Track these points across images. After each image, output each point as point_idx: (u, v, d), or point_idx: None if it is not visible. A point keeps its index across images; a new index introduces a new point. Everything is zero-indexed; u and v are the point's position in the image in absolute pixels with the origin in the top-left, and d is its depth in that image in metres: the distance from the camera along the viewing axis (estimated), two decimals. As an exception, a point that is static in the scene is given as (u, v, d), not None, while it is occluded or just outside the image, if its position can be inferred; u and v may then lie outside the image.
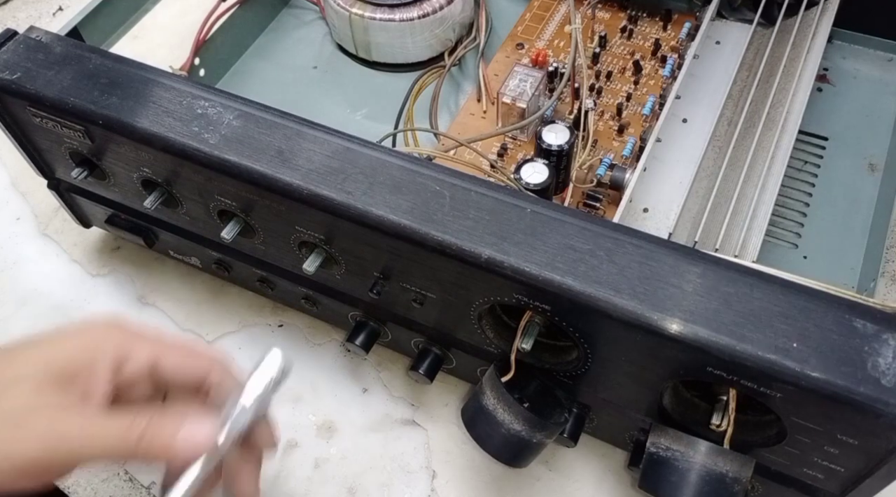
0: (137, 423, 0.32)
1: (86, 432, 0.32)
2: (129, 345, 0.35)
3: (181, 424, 0.33)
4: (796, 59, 0.52)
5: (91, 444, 0.32)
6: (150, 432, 0.32)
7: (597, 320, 0.33)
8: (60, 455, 0.31)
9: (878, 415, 0.29)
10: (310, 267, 0.40)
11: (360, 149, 0.37)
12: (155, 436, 0.32)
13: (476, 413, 0.38)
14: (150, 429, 0.32)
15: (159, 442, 0.32)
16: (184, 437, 0.33)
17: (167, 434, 0.32)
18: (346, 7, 0.58)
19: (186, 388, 0.36)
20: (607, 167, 0.50)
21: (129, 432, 0.32)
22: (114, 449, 0.32)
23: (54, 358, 0.33)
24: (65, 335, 0.34)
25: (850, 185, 0.53)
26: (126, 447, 0.32)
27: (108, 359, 0.34)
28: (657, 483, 0.35)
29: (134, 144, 0.39)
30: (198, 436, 0.33)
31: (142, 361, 0.35)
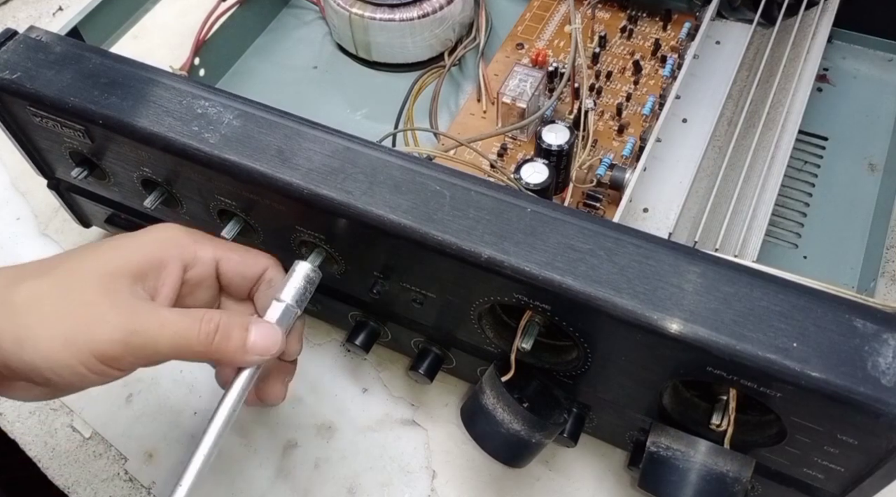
0: (208, 319, 0.34)
1: (161, 324, 0.33)
2: (196, 247, 0.37)
3: (252, 327, 0.35)
4: (796, 59, 0.52)
5: (165, 337, 0.33)
6: (221, 332, 0.34)
7: (597, 320, 0.33)
8: (136, 345, 0.32)
9: (878, 414, 0.29)
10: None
11: (361, 148, 0.37)
12: (228, 336, 0.34)
13: (475, 412, 0.38)
14: (223, 329, 0.34)
15: (234, 343, 0.34)
16: (255, 340, 0.34)
17: (239, 336, 0.34)
18: (346, 7, 0.58)
19: (241, 292, 0.38)
20: (607, 167, 0.50)
21: (203, 327, 0.33)
22: (187, 344, 0.33)
23: (125, 256, 0.34)
24: (132, 238, 0.36)
25: (850, 185, 0.53)
26: (201, 343, 0.33)
27: (178, 259, 0.36)
28: (657, 483, 0.35)
29: (134, 144, 0.39)
30: (269, 340, 0.35)
31: (207, 262, 0.37)
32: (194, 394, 0.49)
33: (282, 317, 0.36)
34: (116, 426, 0.48)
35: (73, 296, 0.33)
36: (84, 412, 0.49)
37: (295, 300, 0.37)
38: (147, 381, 0.49)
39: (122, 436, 0.48)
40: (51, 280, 0.33)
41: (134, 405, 0.49)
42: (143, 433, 0.47)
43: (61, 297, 0.32)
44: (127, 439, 0.47)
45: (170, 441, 0.47)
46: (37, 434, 0.48)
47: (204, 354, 0.34)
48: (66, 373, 0.32)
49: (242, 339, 0.34)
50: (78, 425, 0.48)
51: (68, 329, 0.32)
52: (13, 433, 0.48)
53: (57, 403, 0.49)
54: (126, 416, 0.48)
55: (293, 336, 0.38)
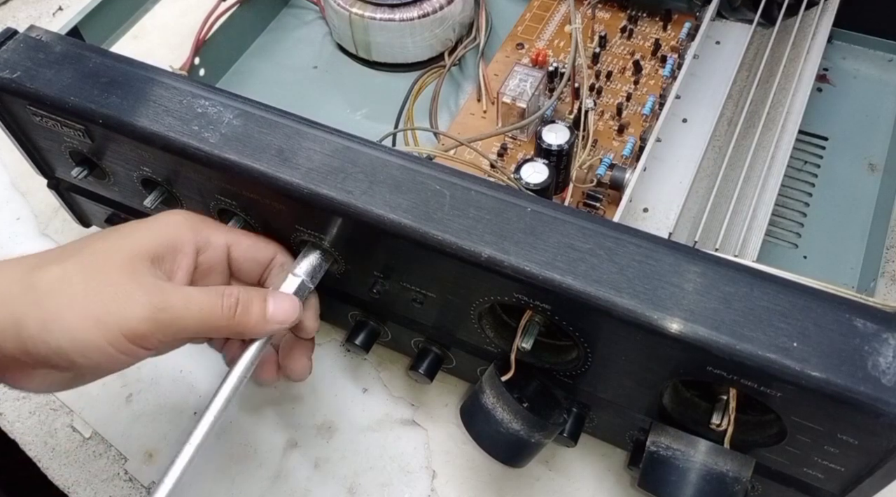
0: (229, 293, 0.35)
1: (186, 300, 0.34)
2: (208, 231, 0.38)
3: (269, 298, 0.36)
4: (796, 59, 0.52)
5: (190, 313, 0.34)
6: (242, 305, 0.35)
7: (597, 319, 0.33)
8: (164, 321, 0.33)
9: (879, 414, 0.29)
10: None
11: (361, 148, 0.37)
12: (249, 308, 0.35)
13: (475, 411, 0.38)
14: (243, 302, 0.35)
15: (255, 315, 0.35)
16: (274, 310, 0.36)
17: (259, 308, 0.35)
18: (346, 7, 0.58)
19: (251, 277, 0.40)
20: (607, 167, 0.50)
21: (225, 302, 0.35)
22: (211, 318, 0.34)
23: (141, 240, 0.35)
24: (146, 223, 0.37)
25: (850, 185, 0.53)
26: (224, 317, 0.34)
27: (191, 242, 0.37)
28: (657, 482, 0.35)
29: (134, 143, 0.39)
30: (288, 308, 0.36)
31: (219, 246, 0.38)
32: (194, 394, 0.49)
33: (297, 290, 0.38)
34: (116, 426, 0.48)
35: (100, 277, 0.33)
36: (84, 412, 0.49)
37: (308, 276, 0.38)
38: (147, 381, 0.49)
39: (122, 436, 0.48)
40: (75, 263, 0.34)
41: (134, 405, 0.49)
42: (143, 433, 0.47)
43: (88, 280, 0.33)
44: (127, 439, 0.47)
45: (170, 441, 0.47)
46: (37, 434, 0.48)
47: (227, 328, 0.35)
48: (95, 354, 0.32)
49: (262, 309, 0.35)
50: (78, 425, 0.48)
51: (98, 309, 0.32)
52: (13, 433, 0.48)
53: (57, 403, 0.49)
54: (126, 416, 0.48)
55: (309, 313, 0.39)
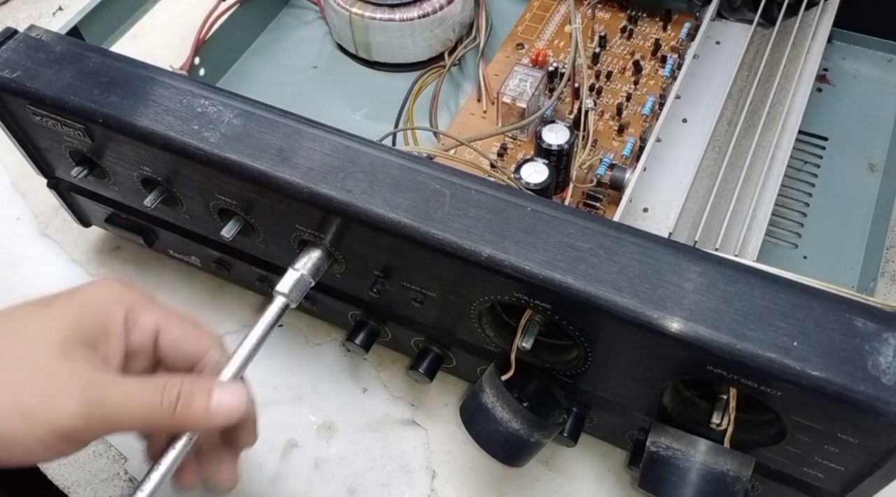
0: (170, 387, 0.31)
1: (125, 395, 0.30)
2: (139, 309, 0.34)
3: (214, 390, 0.32)
4: (796, 59, 0.52)
5: (128, 409, 0.30)
6: (183, 400, 0.31)
7: (597, 319, 0.33)
8: (99, 418, 0.30)
9: (879, 413, 0.29)
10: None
11: (361, 147, 0.37)
12: (191, 402, 0.31)
13: (475, 411, 0.38)
14: (184, 396, 0.31)
15: (196, 409, 0.32)
16: (219, 403, 0.32)
17: (202, 401, 0.32)
18: (346, 7, 0.58)
19: (179, 365, 0.35)
20: (607, 167, 0.50)
21: (165, 397, 0.31)
22: (150, 415, 0.31)
23: (73, 320, 0.32)
24: (75, 297, 0.33)
25: (850, 185, 0.53)
26: (163, 413, 0.31)
27: (122, 322, 0.33)
28: (657, 482, 0.35)
29: (134, 143, 0.39)
30: (233, 402, 0.32)
31: (148, 329, 0.34)
32: (194, 393, 0.49)
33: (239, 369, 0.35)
34: (116, 426, 0.48)
35: (29, 365, 0.30)
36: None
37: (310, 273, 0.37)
38: (147, 381, 0.49)
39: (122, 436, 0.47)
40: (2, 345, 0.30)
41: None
42: (142, 433, 0.47)
43: (16, 368, 0.30)
44: (127, 439, 0.47)
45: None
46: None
47: (166, 426, 0.31)
48: (18, 450, 0.29)
49: (205, 403, 0.32)
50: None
51: (27, 402, 0.29)
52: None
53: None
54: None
55: (248, 423, 0.35)
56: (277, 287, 0.38)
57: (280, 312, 0.37)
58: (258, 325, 0.36)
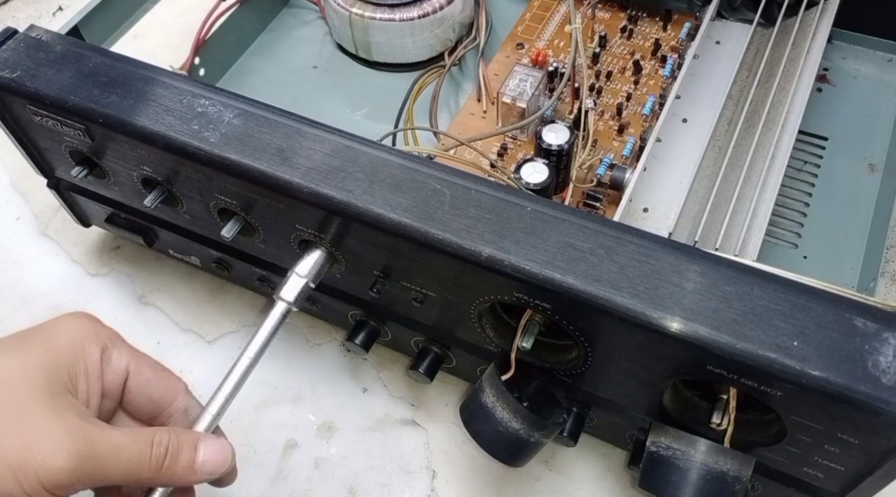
0: (158, 441, 0.31)
1: (116, 450, 0.30)
2: (111, 348, 0.33)
3: (200, 445, 0.32)
4: (796, 59, 0.52)
5: (118, 464, 0.30)
6: (171, 455, 0.31)
7: (597, 319, 0.33)
8: (88, 472, 0.29)
9: (879, 413, 0.29)
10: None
11: (361, 147, 0.37)
12: (177, 457, 0.31)
13: (475, 410, 0.38)
14: (171, 452, 0.31)
15: (183, 463, 0.31)
16: (205, 458, 0.32)
17: (188, 456, 0.32)
18: (346, 7, 0.58)
19: (142, 414, 0.35)
20: (607, 167, 0.50)
21: (154, 451, 0.31)
22: (139, 469, 0.30)
23: (52, 359, 0.31)
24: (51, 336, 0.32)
25: (850, 185, 0.53)
26: (151, 468, 0.31)
27: (98, 362, 0.32)
28: (657, 482, 0.35)
29: (134, 143, 0.39)
30: (219, 457, 0.33)
31: (120, 369, 0.34)
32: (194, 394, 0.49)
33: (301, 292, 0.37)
34: (116, 426, 0.48)
35: (13, 413, 0.29)
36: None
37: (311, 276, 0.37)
38: (147, 381, 0.49)
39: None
40: None
41: None
42: (142, 433, 0.47)
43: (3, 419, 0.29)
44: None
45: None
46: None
47: (151, 480, 0.31)
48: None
49: (191, 458, 0.32)
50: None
51: (17, 456, 0.28)
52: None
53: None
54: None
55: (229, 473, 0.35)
56: (281, 293, 0.37)
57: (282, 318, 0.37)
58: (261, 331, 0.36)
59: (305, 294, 0.38)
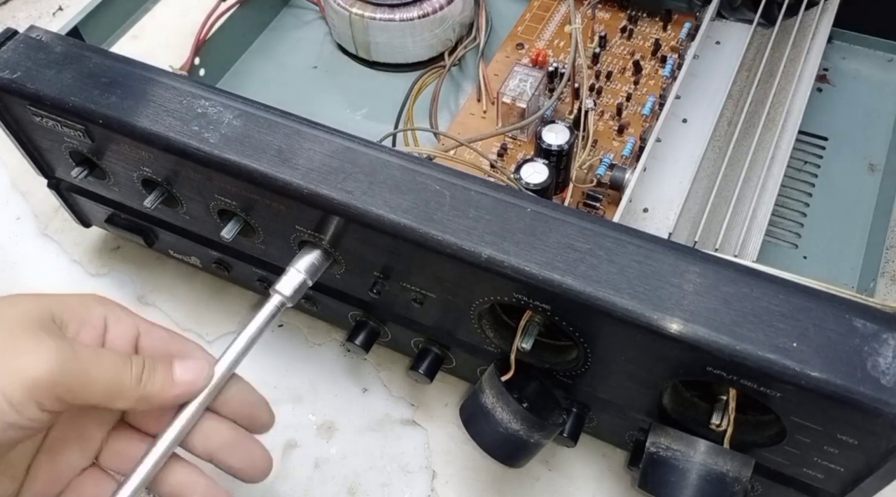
0: (136, 363, 0.32)
1: (97, 357, 0.31)
2: (119, 313, 0.35)
3: (175, 362, 0.34)
4: (796, 60, 0.52)
5: (101, 371, 0.31)
6: (148, 369, 0.32)
7: (597, 320, 0.33)
8: (71, 377, 0.30)
9: (878, 414, 0.29)
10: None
11: (361, 148, 0.37)
12: (155, 370, 0.33)
13: (475, 411, 0.38)
14: (149, 366, 0.32)
15: (160, 380, 0.33)
16: (182, 371, 0.33)
17: (164, 370, 0.33)
18: (346, 7, 0.58)
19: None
20: (607, 167, 0.50)
21: (134, 364, 0.32)
22: (119, 378, 0.32)
23: (49, 303, 0.33)
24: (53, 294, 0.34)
25: (850, 185, 0.53)
26: (131, 382, 0.32)
27: (100, 316, 0.34)
28: (657, 483, 0.35)
29: (134, 143, 0.39)
30: (196, 369, 0.34)
31: (129, 330, 0.35)
32: (194, 394, 0.49)
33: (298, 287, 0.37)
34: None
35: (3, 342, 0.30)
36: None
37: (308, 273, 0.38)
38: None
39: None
40: None
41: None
42: (142, 433, 0.47)
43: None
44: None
45: (170, 441, 0.47)
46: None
47: (133, 392, 0.32)
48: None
49: (167, 372, 0.33)
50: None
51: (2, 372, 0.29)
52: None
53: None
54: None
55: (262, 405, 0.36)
56: (276, 287, 0.37)
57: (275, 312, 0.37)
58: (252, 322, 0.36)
59: (302, 291, 0.38)
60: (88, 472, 0.35)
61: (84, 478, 0.35)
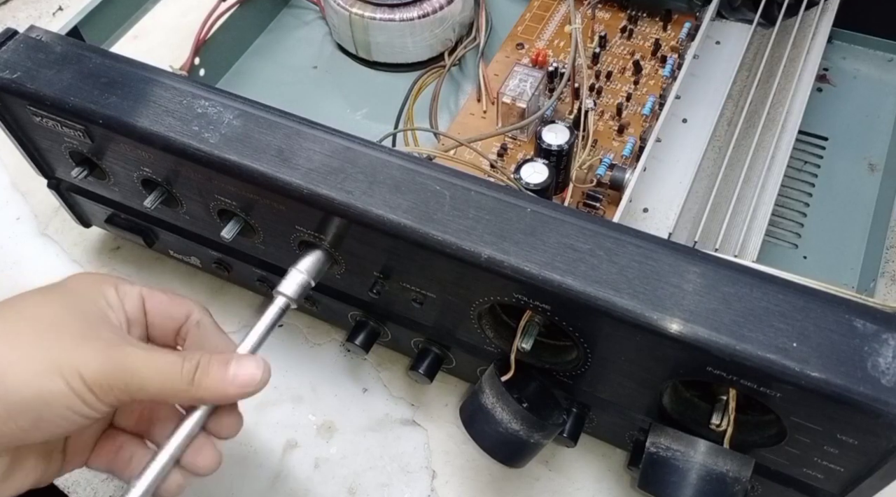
0: (189, 356, 0.33)
1: (149, 357, 0.32)
2: (121, 285, 0.36)
3: (232, 360, 0.34)
4: (796, 59, 0.52)
5: (152, 369, 0.32)
6: (202, 368, 0.33)
7: (596, 320, 0.33)
8: (125, 373, 0.31)
9: (878, 414, 0.29)
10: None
11: (360, 148, 0.37)
12: (208, 370, 0.33)
13: (475, 411, 0.38)
14: (202, 365, 0.33)
15: (214, 376, 0.33)
16: (237, 371, 0.33)
17: (219, 369, 0.33)
18: (346, 7, 0.58)
19: (166, 334, 0.37)
20: (607, 167, 0.50)
21: (186, 363, 0.32)
22: (171, 376, 0.32)
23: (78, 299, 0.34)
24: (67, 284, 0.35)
25: (850, 185, 0.53)
26: (184, 378, 0.32)
27: (115, 296, 0.35)
28: (657, 483, 0.35)
29: (134, 144, 0.39)
30: (253, 370, 0.34)
31: (136, 298, 0.36)
32: (194, 394, 0.49)
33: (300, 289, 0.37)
34: (116, 426, 0.48)
35: (55, 328, 0.31)
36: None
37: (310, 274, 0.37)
38: (147, 381, 0.49)
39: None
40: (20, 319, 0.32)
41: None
42: (142, 433, 0.47)
43: (41, 332, 0.31)
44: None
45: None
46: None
47: (186, 392, 0.33)
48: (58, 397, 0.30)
49: (223, 371, 0.33)
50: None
51: (58, 355, 0.30)
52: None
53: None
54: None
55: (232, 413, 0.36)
56: (280, 288, 0.37)
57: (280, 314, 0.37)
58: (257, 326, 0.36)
59: (305, 291, 0.38)
60: (106, 434, 0.37)
61: (105, 439, 0.37)
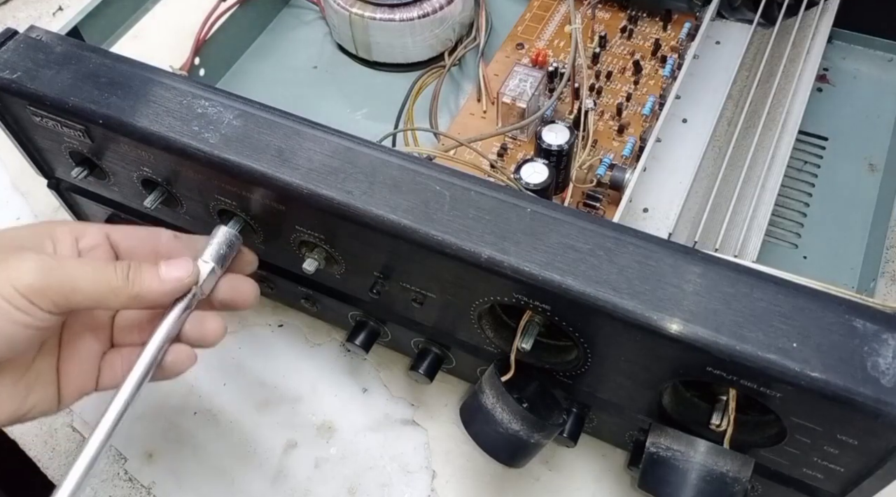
0: (120, 265, 0.34)
1: (77, 262, 0.34)
2: (82, 227, 0.38)
3: (161, 262, 0.35)
4: (796, 59, 0.52)
5: (83, 271, 0.33)
6: (134, 269, 0.34)
7: (597, 320, 0.33)
8: (57, 278, 0.32)
9: (878, 415, 0.29)
10: (310, 267, 0.40)
11: (360, 148, 0.37)
12: (141, 274, 0.34)
13: (475, 411, 0.38)
14: (134, 266, 0.34)
15: (147, 279, 0.34)
16: (167, 268, 0.35)
17: (151, 270, 0.35)
18: (346, 7, 0.58)
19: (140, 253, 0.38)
20: (607, 167, 0.50)
21: (118, 266, 0.34)
22: (105, 278, 0.34)
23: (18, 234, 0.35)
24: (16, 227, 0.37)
25: (850, 185, 0.53)
26: (118, 278, 0.34)
27: (67, 231, 0.37)
28: (657, 483, 0.35)
29: (134, 144, 0.39)
30: (182, 266, 0.35)
31: (96, 231, 0.37)
32: (194, 394, 0.49)
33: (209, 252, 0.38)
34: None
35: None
36: (84, 412, 0.49)
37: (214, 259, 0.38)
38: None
39: (121, 436, 0.47)
40: None
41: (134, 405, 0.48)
42: (143, 433, 0.47)
43: None
44: (127, 439, 0.47)
45: (170, 441, 0.47)
46: (37, 434, 0.48)
47: (122, 290, 0.34)
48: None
49: (154, 270, 0.35)
50: (78, 425, 0.48)
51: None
52: (13, 433, 0.48)
53: (57, 403, 0.49)
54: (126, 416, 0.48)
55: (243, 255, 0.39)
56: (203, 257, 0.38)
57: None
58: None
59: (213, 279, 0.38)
60: (110, 352, 0.38)
61: (109, 356, 0.38)
